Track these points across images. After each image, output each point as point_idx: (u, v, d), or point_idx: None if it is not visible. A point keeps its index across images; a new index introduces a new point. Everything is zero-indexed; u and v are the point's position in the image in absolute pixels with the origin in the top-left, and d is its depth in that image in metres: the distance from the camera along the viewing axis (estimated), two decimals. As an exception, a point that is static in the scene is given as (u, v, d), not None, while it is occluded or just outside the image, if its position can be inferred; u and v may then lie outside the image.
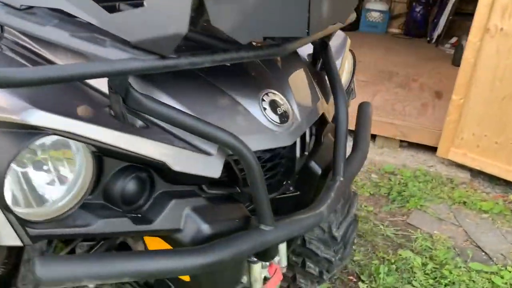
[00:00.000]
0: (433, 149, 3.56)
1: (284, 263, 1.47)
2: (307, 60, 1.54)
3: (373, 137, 3.79)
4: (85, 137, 0.87)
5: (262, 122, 1.15)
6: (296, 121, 1.24)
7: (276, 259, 1.43)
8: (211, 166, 1.05)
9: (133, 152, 0.93)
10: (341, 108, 1.34)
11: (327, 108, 1.40)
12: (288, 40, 1.09)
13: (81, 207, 0.94)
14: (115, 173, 0.98)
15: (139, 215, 1.01)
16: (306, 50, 1.55)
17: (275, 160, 1.29)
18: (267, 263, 1.40)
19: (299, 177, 1.41)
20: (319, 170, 1.39)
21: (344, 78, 1.67)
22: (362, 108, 1.69)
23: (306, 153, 1.38)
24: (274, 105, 1.19)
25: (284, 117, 1.20)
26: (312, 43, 1.47)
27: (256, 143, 1.13)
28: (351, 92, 1.75)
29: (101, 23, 1.00)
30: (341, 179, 1.32)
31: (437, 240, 2.66)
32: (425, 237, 2.68)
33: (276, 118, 1.18)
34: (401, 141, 3.73)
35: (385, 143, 3.73)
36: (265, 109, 1.17)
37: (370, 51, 5.63)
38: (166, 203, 1.03)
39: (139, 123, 1.00)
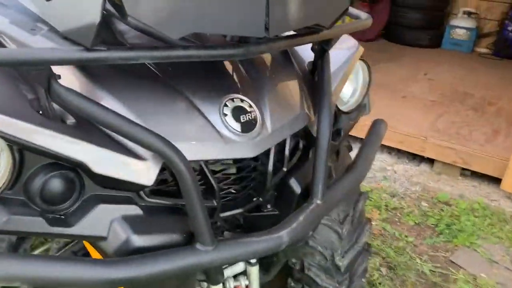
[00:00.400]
0: (500, 182, 3.17)
1: (256, 288, 1.33)
2: (307, 68, 1.40)
3: (431, 161, 3.48)
4: None
5: (218, 129, 1.04)
6: (264, 132, 1.11)
7: (243, 283, 1.30)
8: (143, 172, 0.96)
9: (47, 149, 0.87)
10: (324, 122, 1.18)
11: (314, 122, 1.25)
12: (257, 42, 0.97)
13: None
14: (36, 169, 0.92)
15: (61, 217, 0.94)
16: (309, 56, 1.41)
17: (242, 173, 1.17)
18: (232, 286, 1.28)
19: (278, 195, 1.27)
20: (298, 189, 1.24)
21: (349, 90, 1.50)
22: (375, 125, 1.51)
23: (285, 168, 1.24)
24: (238, 112, 1.07)
25: (248, 126, 1.08)
26: (312, 50, 1.33)
27: (205, 152, 1.02)
28: (364, 107, 1.57)
29: (39, 11, 0.96)
30: (318, 202, 1.17)
31: (482, 284, 2.33)
32: (467, 279, 2.36)
33: (236, 126, 1.06)
34: (463, 169, 3.37)
35: (444, 170, 3.39)
36: (225, 115, 1.06)
37: (449, 69, 5.23)
38: (91, 207, 0.96)
39: (70, 119, 0.94)
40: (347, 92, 1.53)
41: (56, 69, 0.90)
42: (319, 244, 1.64)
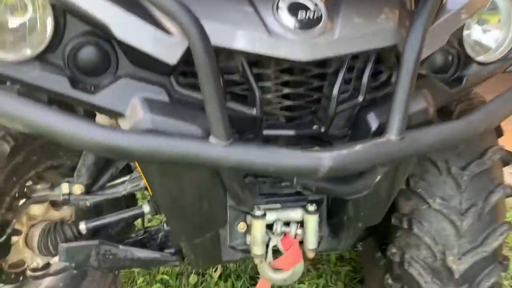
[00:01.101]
0: None
1: (312, 245, 1.11)
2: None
3: None
4: None
5: (264, 19, 0.89)
6: (328, 36, 0.91)
7: (293, 231, 1.09)
8: (166, 48, 0.87)
9: (79, 7, 0.85)
10: (413, 41, 0.90)
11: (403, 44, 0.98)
12: None
13: (35, 59, 0.92)
14: (76, 34, 0.92)
15: (91, 87, 0.92)
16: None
17: (298, 89, 0.98)
18: (278, 230, 1.09)
19: (353, 133, 1.04)
20: (373, 125, 0.99)
21: (494, 37, 1.15)
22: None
23: (361, 98, 1.00)
24: (296, 7, 0.91)
25: (307, 24, 0.90)
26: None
27: (244, 41, 0.88)
28: (511, 60, 1.19)
29: None
30: (392, 137, 0.90)
31: None
32: None
33: (289, 21, 0.90)
34: None
35: None
36: (278, 7, 0.90)
37: None
38: (117, 80, 0.91)
39: None
40: (489, 38, 1.19)
41: None
42: (426, 234, 1.29)
